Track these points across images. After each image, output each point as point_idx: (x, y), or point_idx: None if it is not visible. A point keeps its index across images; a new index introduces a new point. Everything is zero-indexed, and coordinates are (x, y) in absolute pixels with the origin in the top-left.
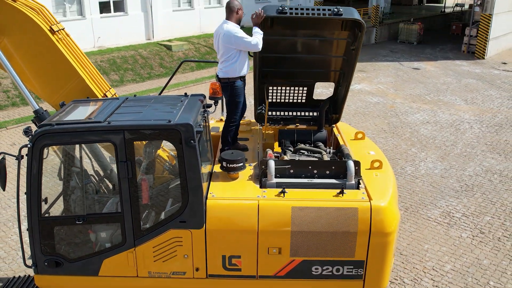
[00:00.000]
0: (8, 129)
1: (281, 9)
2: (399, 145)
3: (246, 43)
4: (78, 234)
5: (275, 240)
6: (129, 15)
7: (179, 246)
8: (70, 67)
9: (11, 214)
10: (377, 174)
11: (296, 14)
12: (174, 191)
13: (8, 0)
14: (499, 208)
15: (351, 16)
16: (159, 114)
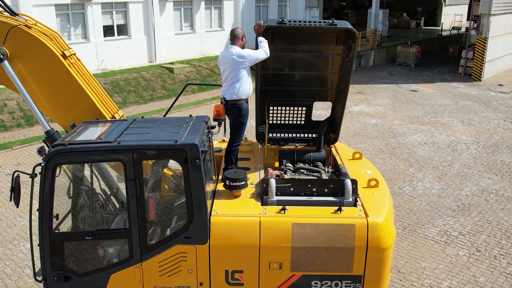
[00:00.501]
0: (14, 150)
1: (281, 21)
2: (397, 166)
3: (258, 55)
4: (86, 250)
5: (276, 256)
6: (132, 39)
7: (184, 261)
8: (80, 90)
9: (17, 232)
10: (374, 192)
11: (295, 24)
12: (179, 208)
13: (24, 27)
14: (495, 227)
15: (344, 26)
16: (166, 135)
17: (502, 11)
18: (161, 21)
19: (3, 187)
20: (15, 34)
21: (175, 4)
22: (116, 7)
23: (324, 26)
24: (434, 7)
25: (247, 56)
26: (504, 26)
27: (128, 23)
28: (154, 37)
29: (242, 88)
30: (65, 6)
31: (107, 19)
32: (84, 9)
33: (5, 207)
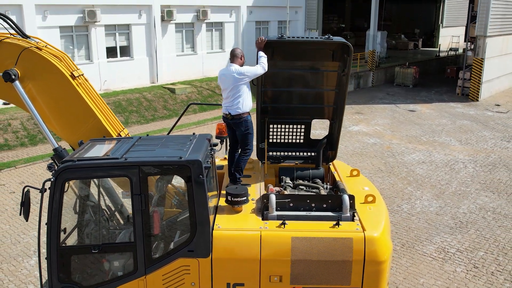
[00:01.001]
0: (17, 168)
1: (280, 36)
2: (395, 184)
3: (256, 70)
4: (92, 263)
5: (276, 269)
6: (134, 60)
7: (187, 274)
8: (88, 109)
9: (21, 249)
10: (371, 207)
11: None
12: (183, 223)
13: (35, 49)
14: (492, 244)
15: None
16: (171, 152)
17: (498, 32)
18: (163, 43)
19: (7, 205)
20: (26, 56)
21: (177, 26)
22: (119, 29)
23: (321, 40)
24: (432, 29)
25: (245, 73)
26: (500, 47)
27: (130, 45)
28: (156, 58)
29: (245, 103)
30: (70, 28)
31: (110, 41)
32: (88, 31)
33: (9, 225)
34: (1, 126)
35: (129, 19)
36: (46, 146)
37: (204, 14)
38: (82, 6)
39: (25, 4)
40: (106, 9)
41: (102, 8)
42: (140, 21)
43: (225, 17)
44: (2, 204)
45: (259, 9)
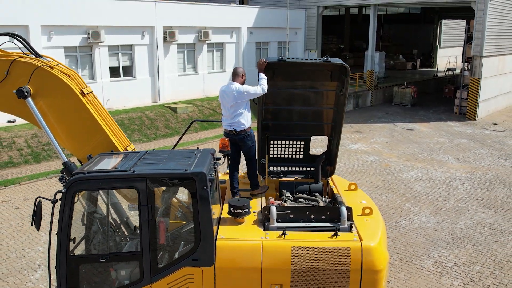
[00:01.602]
0: (21, 185)
1: (280, 58)
2: (394, 201)
3: (256, 90)
4: (100, 272)
5: (277, 277)
6: (137, 79)
7: (191, 283)
8: (97, 125)
9: (26, 263)
10: (368, 219)
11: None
12: (187, 233)
13: (47, 67)
14: (489, 258)
15: (337, 62)
16: (176, 165)
17: (494, 53)
18: (165, 63)
19: (11, 220)
20: (39, 74)
21: (178, 46)
22: (122, 49)
23: (319, 62)
24: (430, 50)
25: (245, 92)
26: (497, 67)
27: (133, 65)
28: (158, 78)
29: (246, 119)
30: (74, 48)
31: (113, 61)
32: (91, 51)
33: (14, 239)
34: (6, 143)
35: (132, 39)
36: (50, 163)
37: (206, 35)
38: (86, 27)
39: (31, 25)
40: (110, 30)
41: (106, 29)
42: (143, 41)
43: (226, 38)
44: (7, 220)
45: (259, 30)
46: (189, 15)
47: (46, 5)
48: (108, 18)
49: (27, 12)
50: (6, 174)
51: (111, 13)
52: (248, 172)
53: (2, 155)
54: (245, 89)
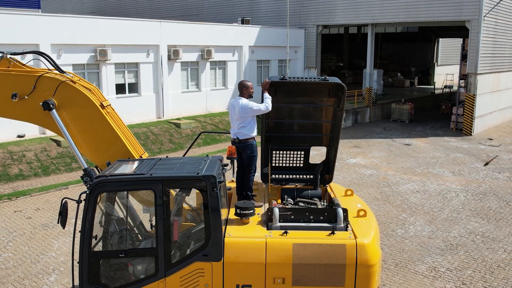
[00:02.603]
0: (32, 196)
1: (282, 77)
2: (390, 211)
3: (260, 108)
4: (118, 267)
5: (279, 272)
6: (142, 96)
7: (201, 277)
8: (115, 134)
9: (40, 267)
10: (362, 220)
11: (294, 80)
12: (198, 232)
13: (70, 82)
14: (480, 264)
15: (335, 81)
16: (189, 169)
17: (489, 70)
18: (169, 80)
19: (25, 229)
20: (63, 88)
21: (182, 64)
22: (128, 67)
23: (318, 81)
24: (427, 67)
25: (249, 110)
26: (492, 84)
27: (138, 82)
28: (162, 94)
29: (250, 130)
30: (82, 65)
31: (119, 78)
32: (99, 69)
33: (28, 246)
34: (16, 157)
35: (138, 58)
36: (58, 176)
37: (208, 54)
38: (94, 45)
39: (42, 43)
40: (117, 49)
41: (112, 48)
42: (148, 59)
43: (228, 56)
44: (20, 228)
45: (260, 48)
46: (192, 34)
47: (56, 25)
48: (115, 37)
49: (39, 31)
50: (17, 186)
51: (118, 32)
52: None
53: (13, 168)
54: (250, 106)
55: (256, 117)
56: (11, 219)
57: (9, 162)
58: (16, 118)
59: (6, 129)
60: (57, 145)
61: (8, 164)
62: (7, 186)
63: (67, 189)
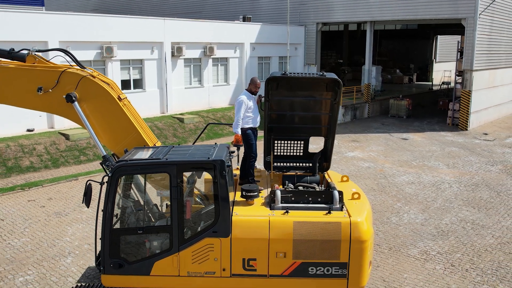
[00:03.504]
0: (44, 187)
1: (283, 73)
2: (386, 201)
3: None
4: (137, 243)
5: (281, 247)
6: (146, 92)
7: (211, 251)
8: (131, 125)
9: (57, 251)
10: (356, 202)
11: (294, 75)
12: (208, 212)
13: (90, 77)
14: (469, 248)
15: (332, 77)
16: (200, 154)
17: (484, 67)
18: (173, 76)
19: (39, 217)
20: (84, 82)
21: (185, 61)
22: (133, 64)
23: (316, 77)
24: (426, 64)
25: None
26: (487, 80)
27: (143, 78)
28: (166, 90)
29: (246, 123)
30: (89, 62)
31: (124, 74)
32: (105, 65)
33: (44, 232)
34: (27, 150)
35: (142, 54)
36: (68, 168)
37: (211, 50)
38: (100, 42)
39: (50, 41)
40: (122, 46)
41: (118, 45)
42: (152, 56)
43: (230, 53)
44: (35, 216)
45: (261, 45)
46: (195, 32)
47: (64, 22)
48: (121, 34)
49: (47, 29)
50: (28, 178)
51: (124, 30)
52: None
53: (24, 160)
54: (237, 107)
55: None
56: (25, 208)
57: (20, 155)
58: (41, 110)
59: (16, 123)
60: (66, 139)
61: (19, 157)
62: (20, 178)
63: (77, 180)
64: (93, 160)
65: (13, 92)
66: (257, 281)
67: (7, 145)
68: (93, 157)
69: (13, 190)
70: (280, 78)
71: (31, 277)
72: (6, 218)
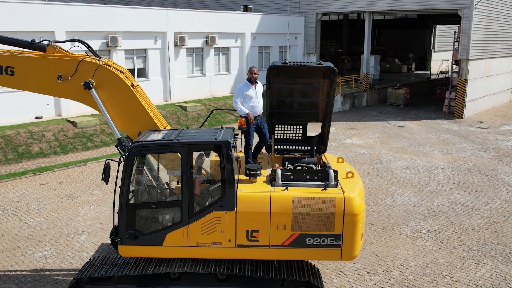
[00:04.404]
0: (54, 171)
1: (284, 62)
2: (381, 184)
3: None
4: (151, 216)
5: (281, 219)
6: (150, 80)
7: (218, 224)
8: (143, 110)
9: (71, 229)
10: (350, 180)
11: (293, 63)
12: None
13: (106, 66)
14: (458, 227)
15: (328, 65)
16: (208, 135)
17: (480, 56)
18: (176, 66)
19: (52, 199)
20: (100, 71)
21: (188, 51)
22: (137, 53)
23: (313, 65)
24: (425, 53)
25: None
26: (483, 69)
27: (147, 67)
28: (169, 79)
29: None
30: None
31: (129, 63)
32: (110, 55)
33: (57, 213)
34: (36, 137)
35: (146, 44)
36: (76, 154)
37: (212, 40)
38: (106, 32)
39: (57, 31)
40: (126, 35)
41: (123, 35)
42: (155, 46)
43: (231, 42)
44: (48, 198)
45: (262, 35)
46: (197, 22)
47: (70, 13)
48: (125, 24)
49: (54, 19)
50: (39, 163)
51: (128, 20)
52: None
53: (34, 146)
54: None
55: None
56: (38, 191)
57: (30, 141)
58: (61, 96)
59: (25, 111)
60: (73, 126)
61: (29, 143)
62: (30, 163)
63: (86, 165)
64: (100, 147)
65: (35, 80)
66: (259, 251)
67: (18, 132)
68: (99, 143)
69: (25, 174)
70: (280, 67)
71: (49, 252)
72: (21, 200)
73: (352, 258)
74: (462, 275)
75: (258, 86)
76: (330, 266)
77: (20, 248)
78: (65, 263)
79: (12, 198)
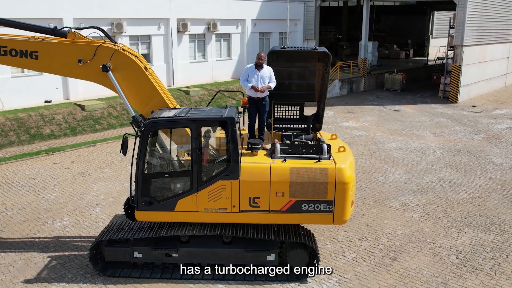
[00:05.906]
0: (66, 152)
1: (283, 47)
2: (375, 164)
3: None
4: (164, 185)
5: (280, 187)
6: (154, 66)
7: (224, 191)
8: (155, 90)
9: (86, 203)
10: (342, 154)
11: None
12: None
13: (121, 50)
14: (444, 201)
15: (322, 50)
16: (215, 113)
17: (475, 42)
18: (179, 51)
19: (65, 176)
20: (116, 55)
21: (190, 37)
22: (141, 39)
23: (309, 50)
24: (423, 40)
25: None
26: (478, 55)
27: (151, 53)
28: (172, 64)
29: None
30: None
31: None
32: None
33: (72, 188)
34: (47, 119)
35: (150, 30)
36: (85, 136)
37: (214, 26)
38: (111, 19)
39: (65, 17)
40: (131, 22)
41: (128, 21)
42: (159, 32)
43: (232, 29)
44: (62, 176)
45: (262, 21)
46: (199, 8)
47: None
48: (130, 11)
49: (63, 6)
50: (50, 144)
51: (132, 7)
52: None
53: (45, 128)
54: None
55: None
56: (52, 169)
57: (41, 123)
58: (81, 78)
59: (35, 95)
60: (82, 109)
61: (40, 125)
62: (42, 144)
63: (95, 146)
64: (108, 129)
65: (58, 63)
66: (260, 216)
67: (29, 115)
68: (107, 126)
69: (38, 154)
70: (279, 51)
71: (67, 222)
72: (37, 177)
73: (343, 222)
74: (445, 242)
75: (263, 71)
76: (324, 234)
77: (41, 219)
78: (83, 231)
79: (28, 175)
